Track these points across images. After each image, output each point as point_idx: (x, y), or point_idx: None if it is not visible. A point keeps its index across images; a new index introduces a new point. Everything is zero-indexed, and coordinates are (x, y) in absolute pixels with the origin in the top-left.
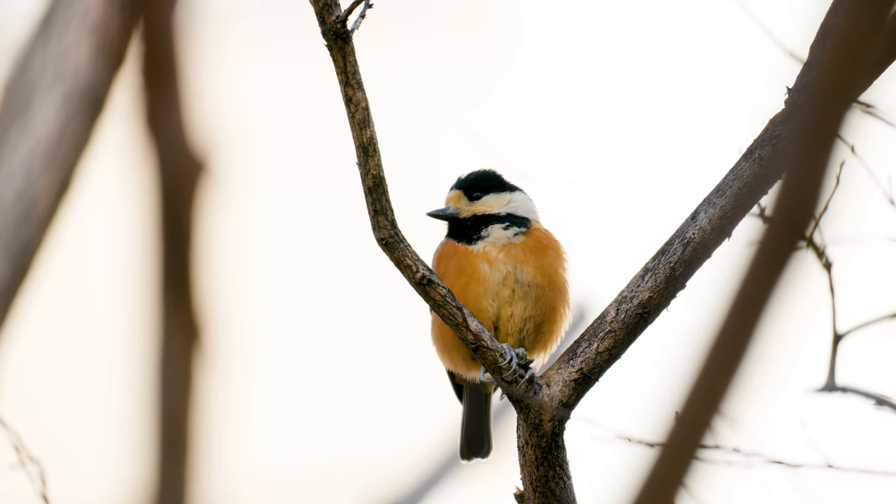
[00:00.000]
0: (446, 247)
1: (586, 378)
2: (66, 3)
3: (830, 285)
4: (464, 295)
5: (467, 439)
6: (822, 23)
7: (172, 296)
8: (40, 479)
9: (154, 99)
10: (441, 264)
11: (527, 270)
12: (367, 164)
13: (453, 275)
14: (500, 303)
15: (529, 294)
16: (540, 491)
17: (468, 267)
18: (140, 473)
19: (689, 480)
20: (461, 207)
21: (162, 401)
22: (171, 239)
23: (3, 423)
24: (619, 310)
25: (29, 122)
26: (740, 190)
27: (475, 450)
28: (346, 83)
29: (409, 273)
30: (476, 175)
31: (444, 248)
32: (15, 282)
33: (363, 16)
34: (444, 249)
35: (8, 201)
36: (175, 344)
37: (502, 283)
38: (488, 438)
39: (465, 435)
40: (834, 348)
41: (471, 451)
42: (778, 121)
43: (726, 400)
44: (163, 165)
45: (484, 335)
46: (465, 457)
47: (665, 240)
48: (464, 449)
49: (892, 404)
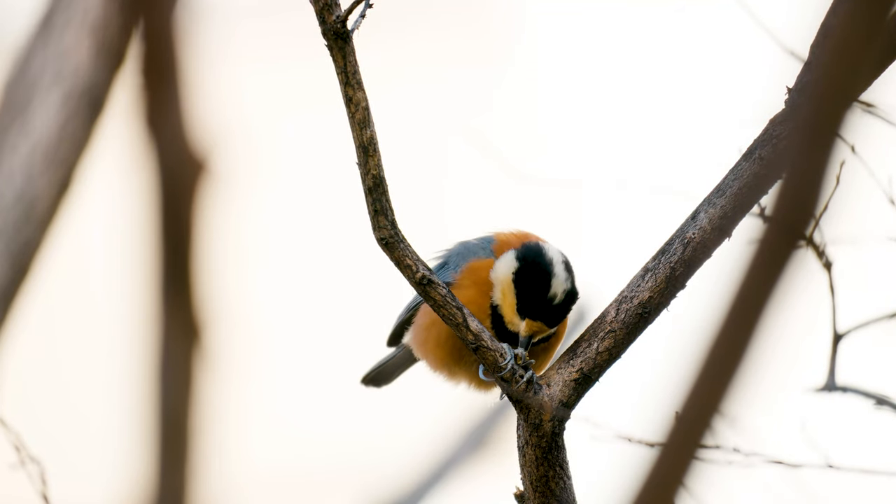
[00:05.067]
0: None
1: (586, 378)
2: (66, 3)
3: (830, 285)
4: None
5: (379, 374)
6: (822, 23)
7: (172, 296)
8: (40, 479)
9: (154, 99)
10: (470, 276)
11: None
12: (368, 164)
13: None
14: None
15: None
16: (540, 491)
17: (480, 312)
18: (140, 473)
19: (689, 480)
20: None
21: (162, 401)
22: (170, 239)
23: (3, 423)
24: (619, 310)
25: (29, 122)
26: (740, 190)
27: (376, 383)
28: (347, 83)
29: (410, 273)
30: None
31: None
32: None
33: (363, 15)
34: (482, 273)
35: (8, 201)
36: (175, 344)
37: None
38: (390, 381)
39: (379, 368)
40: (834, 348)
41: (373, 382)
42: (778, 121)
43: (726, 400)
44: (163, 165)
45: (484, 335)
46: (365, 382)
47: (665, 240)
48: (369, 377)
49: (892, 404)
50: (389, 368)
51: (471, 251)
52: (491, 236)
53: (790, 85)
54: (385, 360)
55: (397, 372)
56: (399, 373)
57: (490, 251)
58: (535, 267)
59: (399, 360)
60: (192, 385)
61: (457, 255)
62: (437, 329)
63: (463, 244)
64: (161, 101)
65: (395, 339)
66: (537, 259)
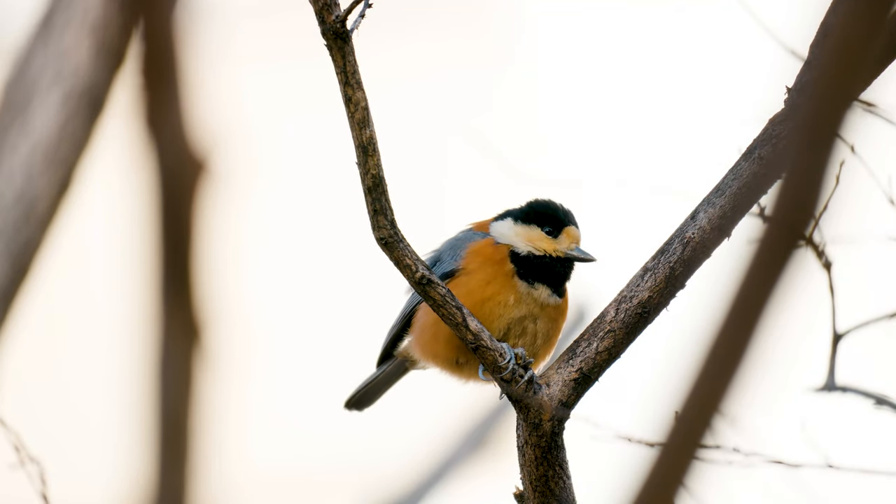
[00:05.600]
0: (489, 248)
1: (586, 378)
2: (66, 3)
3: (830, 285)
4: (480, 303)
5: (364, 395)
6: (822, 22)
7: (172, 296)
8: (40, 479)
9: (154, 99)
10: (476, 258)
11: (543, 323)
12: (367, 164)
13: (481, 279)
14: (509, 328)
15: (536, 336)
16: (540, 491)
17: (501, 286)
18: (140, 473)
19: (689, 480)
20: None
21: (162, 401)
22: (171, 239)
23: (3, 423)
24: (619, 309)
25: (29, 122)
26: (740, 190)
27: (359, 406)
28: (346, 83)
29: (409, 273)
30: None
31: (486, 248)
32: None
33: (363, 15)
34: (486, 249)
35: (8, 201)
36: (175, 344)
37: (518, 321)
38: (373, 402)
39: (363, 391)
40: (834, 348)
41: (356, 405)
42: (778, 120)
43: (726, 400)
44: (163, 165)
45: (483, 335)
46: (348, 406)
47: (665, 240)
48: (352, 400)
49: (892, 404)
50: (375, 387)
51: (462, 240)
52: (466, 227)
53: (790, 84)
54: (368, 380)
55: (383, 390)
56: (382, 392)
57: (476, 233)
58: (535, 202)
59: (386, 377)
60: (192, 385)
61: (449, 249)
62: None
63: (450, 239)
64: (161, 101)
65: (386, 357)
66: (530, 201)
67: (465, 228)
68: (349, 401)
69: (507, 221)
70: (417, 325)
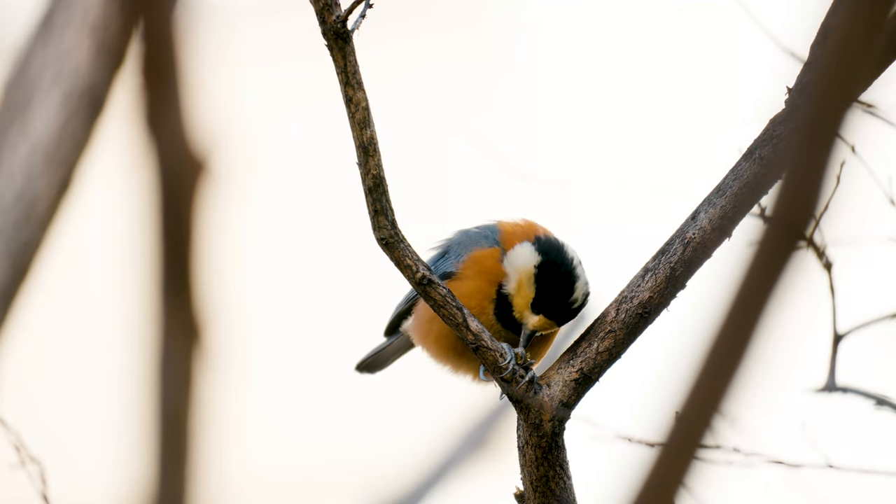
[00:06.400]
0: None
1: (586, 378)
2: (66, 3)
3: (830, 285)
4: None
5: (374, 361)
6: (822, 23)
7: (172, 296)
8: (40, 479)
9: (154, 99)
10: (473, 266)
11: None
12: (368, 164)
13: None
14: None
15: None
16: (540, 491)
17: (480, 305)
18: (140, 473)
19: (689, 480)
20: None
21: (162, 401)
22: (171, 239)
23: (3, 423)
24: (619, 310)
25: (29, 122)
26: (740, 190)
27: (370, 370)
28: (347, 83)
29: (410, 273)
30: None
31: (487, 260)
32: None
33: (363, 15)
34: (487, 261)
35: (8, 201)
36: (175, 344)
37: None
38: (383, 369)
39: (373, 357)
40: (834, 348)
41: (367, 368)
42: (778, 121)
43: (726, 400)
44: (163, 165)
45: (484, 335)
46: (359, 369)
47: (665, 240)
48: (363, 365)
49: (892, 404)
50: (385, 355)
51: (473, 240)
52: (494, 225)
53: (790, 85)
54: (381, 347)
55: (392, 359)
56: (394, 359)
57: (494, 241)
58: (559, 266)
59: (395, 347)
60: (192, 385)
61: (458, 245)
62: (438, 323)
63: (464, 233)
64: (161, 101)
65: (392, 329)
66: (561, 258)
67: (490, 224)
68: (360, 365)
69: (526, 248)
70: (417, 314)
